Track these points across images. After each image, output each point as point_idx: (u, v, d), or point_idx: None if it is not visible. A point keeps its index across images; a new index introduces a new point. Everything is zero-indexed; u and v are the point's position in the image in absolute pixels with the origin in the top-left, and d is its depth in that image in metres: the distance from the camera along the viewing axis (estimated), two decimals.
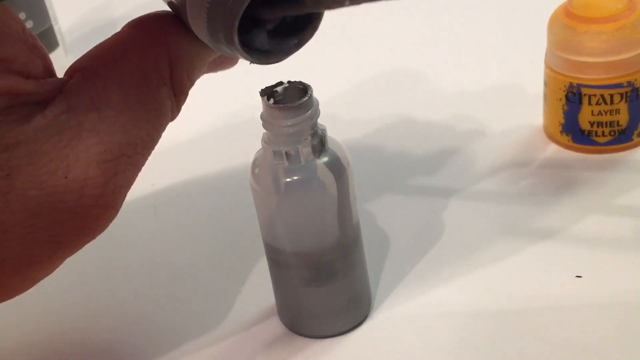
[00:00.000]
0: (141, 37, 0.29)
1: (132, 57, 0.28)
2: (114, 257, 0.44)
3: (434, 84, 0.56)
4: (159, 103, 0.28)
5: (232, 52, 0.29)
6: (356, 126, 0.52)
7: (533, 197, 0.43)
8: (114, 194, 0.27)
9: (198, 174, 0.50)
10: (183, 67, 0.29)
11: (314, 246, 0.34)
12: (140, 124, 0.28)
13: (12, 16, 0.25)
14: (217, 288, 0.40)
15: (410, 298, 0.38)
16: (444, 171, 0.46)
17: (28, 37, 0.26)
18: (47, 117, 0.26)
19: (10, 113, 0.25)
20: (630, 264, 0.38)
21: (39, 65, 0.26)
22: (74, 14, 0.73)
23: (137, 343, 0.38)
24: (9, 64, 0.25)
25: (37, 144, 0.25)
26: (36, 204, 0.26)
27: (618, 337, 0.34)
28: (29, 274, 0.27)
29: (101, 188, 0.27)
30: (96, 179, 0.27)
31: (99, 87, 0.27)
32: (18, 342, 0.39)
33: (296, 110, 0.32)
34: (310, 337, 0.36)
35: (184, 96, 0.30)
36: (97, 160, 0.27)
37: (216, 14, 0.27)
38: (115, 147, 0.27)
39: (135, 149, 0.28)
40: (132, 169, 0.28)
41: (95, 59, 0.28)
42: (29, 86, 0.25)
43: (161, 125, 0.29)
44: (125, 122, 0.27)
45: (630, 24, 0.42)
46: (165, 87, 0.29)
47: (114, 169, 0.27)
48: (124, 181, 0.28)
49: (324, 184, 0.33)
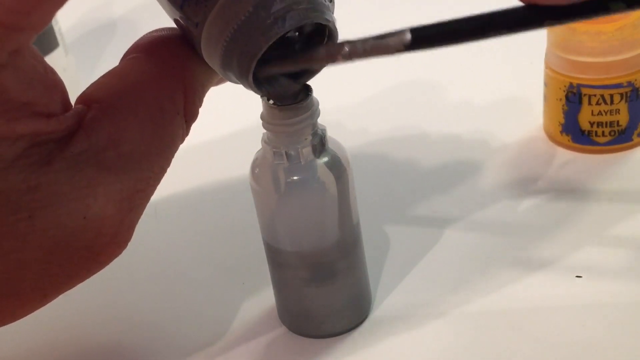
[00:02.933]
0: (156, 66, 0.29)
1: (149, 89, 0.28)
2: None
3: (433, 84, 0.56)
4: (172, 134, 0.28)
5: (242, 84, 0.29)
6: (357, 129, 0.52)
7: (533, 196, 0.43)
8: (128, 230, 0.28)
9: (198, 174, 0.50)
10: (195, 93, 0.29)
11: (314, 246, 0.34)
12: (154, 157, 0.28)
13: (35, 57, 0.25)
14: (217, 288, 0.40)
15: (410, 298, 0.38)
16: (443, 171, 0.46)
17: (49, 75, 0.25)
18: (68, 158, 0.25)
19: (32, 154, 0.25)
20: (630, 264, 0.38)
21: (58, 102, 0.26)
22: (74, 14, 0.73)
23: (137, 343, 0.38)
24: (32, 107, 0.24)
25: (58, 185, 0.25)
26: (54, 243, 0.26)
27: (618, 337, 0.34)
28: (39, 303, 0.28)
29: (118, 226, 0.27)
30: (113, 218, 0.27)
31: (117, 122, 0.27)
32: (18, 345, 0.39)
33: (296, 111, 0.32)
34: (310, 337, 0.36)
35: (194, 120, 0.30)
36: (114, 198, 0.27)
37: (233, 51, 0.28)
38: (131, 184, 0.27)
39: (148, 182, 0.28)
40: (145, 203, 0.28)
41: (112, 90, 0.28)
42: (50, 126, 0.25)
43: (172, 155, 0.29)
44: (141, 158, 0.27)
45: (630, 24, 0.42)
46: (178, 116, 0.29)
47: (129, 205, 0.27)
48: (137, 216, 0.28)
49: (324, 184, 0.33)
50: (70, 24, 0.69)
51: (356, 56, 0.27)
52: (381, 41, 0.26)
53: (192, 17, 0.28)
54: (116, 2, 0.75)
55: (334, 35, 0.29)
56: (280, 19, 0.27)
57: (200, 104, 0.30)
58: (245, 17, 0.27)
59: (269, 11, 0.27)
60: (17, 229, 0.25)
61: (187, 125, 0.29)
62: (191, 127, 0.30)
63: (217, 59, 0.28)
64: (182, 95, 0.29)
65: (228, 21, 0.27)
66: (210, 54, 0.28)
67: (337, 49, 0.27)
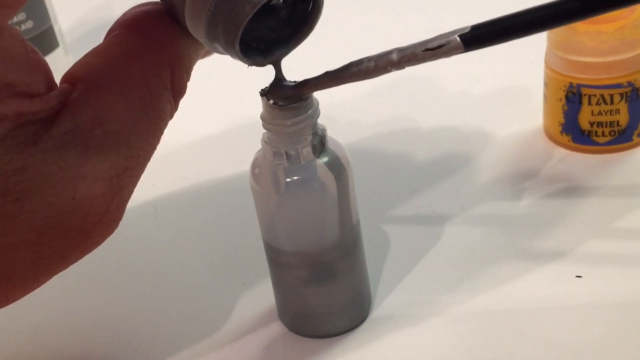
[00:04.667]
0: (140, 42, 0.28)
1: (134, 65, 0.28)
2: (114, 257, 0.44)
3: (434, 84, 0.56)
4: (160, 110, 0.28)
5: (229, 54, 0.29)
6: (357, 128, 0.52)
7: (533, 196, 0.43)
8: (118, 208, 0.27)
9: (198, 174, 0.50)
10: (183, 67, 0.29)
11: (314, 246, 0.34)
12: (143, 134, 0.27)
13: (16, 37, 0.25)
14: (217, 288, 0.40)
15: (410, 298, 0.38)
16: (443, 171, 0.46)
17: (30, 54, 0.25)
18: (54, 138, 0.25)
19: (17, 135, 0.24)
20: (630, 264, 0.38)
21: (42, 82, 0.26)
22: (74, 14, 0.73)
23: (137, 343, 0.38)
24: (14, 87, 0.24)
25: (45, 165, 0.25)
26: (44, 224, 0.26)
27: (618, 337, 0.34)
28: (32, 285, 0.27)
29: (107, 205, 0.27)
30: (103, 197, 0.26)
31: (102, 101, 0.26)
32: (18, 344, 0.39)
33: (296, 110, 0.32)
34: (310, 337, 0.36)
35: (182, 94, 0.30)
36: (103, 177, 0.26)
37: (218, 20, 0.27)
38: (119, 162, 0.27)
39: (137, 160, 0.27)
40: (134, 181, 0.28)
41: (97, 68, 0.27)
42: (34, 105, 0.25)
43: (161, 131, 0.29)
44: (128, 135, 0.27)
45: (630, 24, 0.42)
46: (165, 92, 0.28)
47: (118, 184, 0.27)
48: (127, 195, 0.28)
49: (324, 183, 0.33)
50: (70, 24, 0.69)
51: (407, 63, 0.27)
52: (433, 44, 0.26)
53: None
54: (116, 2, 0.75)
55: (319, 1, 0.29)
56: None
57: (188, 78, 0.30)
58: None
59: None
60: (5, 211, 0.25)
61: (175, 100, 0.29)
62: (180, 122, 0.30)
63: (202, 30, 0.28)
64: (168, 71, 0.28)
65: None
66: (195, 25, 0.28)
67: (385, 59, 0.28)
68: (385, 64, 0.28)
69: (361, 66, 0.29)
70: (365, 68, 0.28)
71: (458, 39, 0.26)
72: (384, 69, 0.28)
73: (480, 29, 0.26)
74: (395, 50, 0.27)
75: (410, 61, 0.27)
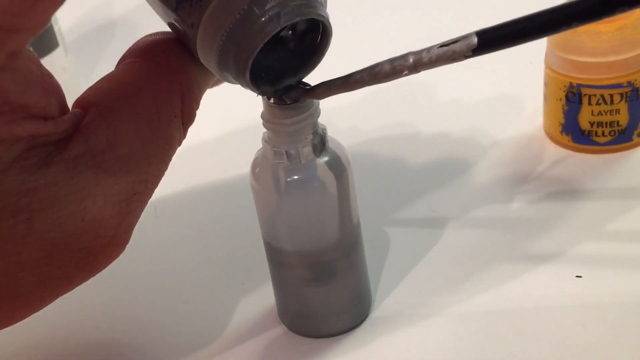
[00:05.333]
0: (152, 69, 0.29)
1: (146, 92, 0.28)
2: None
3: (434, 84, 0.56)
4: (169, 137, 0.29)
5: (239, 83, 0.29)
6: (357, 130, 0.52)
7: (533, 196, 0.43)
8: (126, 232, 0.28)
9: (198, 173, 0.50)
10: (193, 96, 0.30)
11: (314, 245, 0.34)
12: (152, 160, 0.28)
13: (32, 60, 0.25)
14: (217, 288, 0.40)
15: (410, 298, 0.38)
16: (443, 171, 0.46)
17: (45, 77, 0.26)
18: (66, 161, 0.26)
19: (30, 157, 0.25)
20: (630, 264, 0.38)
21: (55, 105, 0.26)
22: (74, 14, 0.73)
23: (137, 343, 0.38)
24: (29, 110, 0.25)
25: (57, 187, 0.25)
26: (53, 245, 0.26)
27: (618, 337, 0.34)
28: (37, 305, 0.28)
29: (116, 228, 0.27)
30: (111, 220, 0.27)
31: (114, 125, 0.27)
32: (18, 344, 0.39)
33: (297, 110, 0.32)
34: (310, 336, 0.36)
35: (191, 122, 0.30)
36: (113, 201, 0.27)
37: (229, 50, 0.28)
38: (129, 186, 0.27)
39: (146, 185, 0.28)
40: (142, 205, 0.28)
41: (110, 94, 0.28)
42: (48, 128, 0.25)
43: (170, 157, 0.29)
44: (138, 160, 0.27)
45: (630, 24, 0.42)
46: (175, 119, 0.29)
47: (127, 208, 0.27)
48: (135, 218, 0.28)
49: (325, 183, 0.33)
50: (70, 24, 0.69)
51: (422, 67, 0.27)
52: (447, 48, 0.26)
53: (186, 19, 0.28)
54: (116, 2, 0.75)
55: (327, 32, 0.29)
56: (275, 16, 0.27)
57: (198, 106, 0.30)
58: (240, 15, 0.27)
59: (264, 8, 0.27)
60: (16, 231, 0.25)
61: (185, 128, 0.30)
62: (188, 130, 0.30)
63: (214, 59, 0.28)
64: (179, 98, 0.29)
65: (223, 20, 0.27)
66: (206, 54, 0.28)
67: (401, 62, 0.28)
68: (401, 68, 0.28)
69: (376, 70, 0.28)
70: (380, 71, 0.28)
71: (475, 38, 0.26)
72: (399, 72, 0.28)
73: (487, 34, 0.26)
74: (410, 54, 0.27)
75: (426, 64, 0.27)
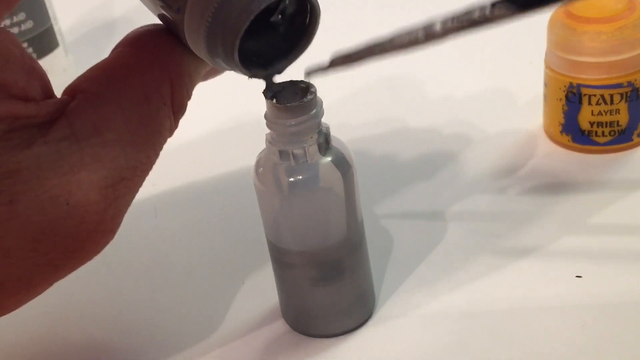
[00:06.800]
0: (141, 56, 0.29)
1: (134, 78, 0.28)
2: (114, 257, 0.44)
3: (434, 84, 0.56)
4: (158, 124, 0.28)
5: (230, 67, 0.29)
6: (356, 129, 0.52)
7: (534, 197, 0.43)
8: (113, 218, 0.27)
9: (199, 174, 0.50)
10: (183, 84, 0.29)
11: (320, 245, 0.34)
12: (140, 147, 0.28)
13: (11, 40, 0.25)
14: (218, 288, 0.40)
15: (413, 297, 0.38)
16: (445, 171, 0.46)
17: (26, 59, 0.26)
18: (49, 143, 0.25)
19: (11, 138, 0.25)
20: (630, 264, 0.38)
21: (37, 87, 0.26)
22: (74, 14, 0.73)
23: (138, 344, 0.38)
24: (8, 89, 0.25)
25: (40, 170, 0.25)
26: (38, 230, 0.26)
27: (618, 337, 0.34)
28: (26, 294, 0.27)
29: (102, 214, 0.27)
30: (97, 205, 0.27)
31: (101, 111, 0.27)
32: (17, 341, 0.39)
33: (301, 110, 0.31)
34: (315, 336, 0.36)
35: (182, 112, 0.30)
36: (99, 185, 0.26)
37: (216, 31, 0.28)
38: (116, 172, 0.27)
39: (134, 172, 0.28)
40: (131, 192, 0.28)
41: (97, 80, 0.28)
42: (29, 109, 0.25)
43: (160, 146, 0.29)
44: (126, 146, 0.27)
45: (630, 24, 0.42)
46: (165, 107, 0.29)
47: (114, 193, 0.27)
48: (123, 205, 0.28)
49: (330, 182, 0.33)
50: (70, 24, 0.69)
51: (437, 36, 0.26)
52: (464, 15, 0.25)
53: (172, 4, 0.28)
54: (116, 2, 0.75)
55: (315, 13, 0.29)
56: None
57: (189, 96, 0.30)
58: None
59: None
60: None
61: (175, 117, 0.29)
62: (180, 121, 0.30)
63: (202, 43, 0.28)
64: (168, 85, 0.29)
65: (207, 1, 0.27)
66: (195, 39, 0.28)
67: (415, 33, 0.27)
68: (430, 34, 0.27)
69: (407, 36, 0.27)
70: (409, 38, 0.27)
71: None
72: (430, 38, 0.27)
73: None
74: (438, 20, 0.26)
75: (451, 30, 0.26)
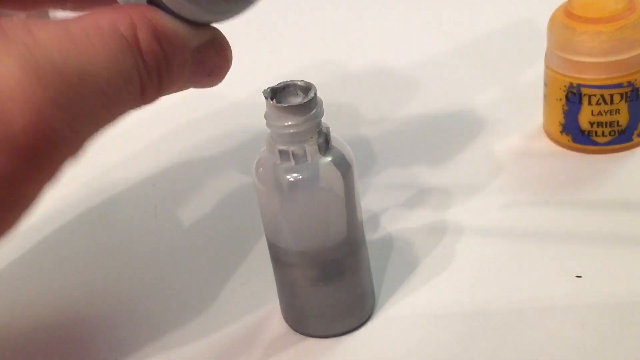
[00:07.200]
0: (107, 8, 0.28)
1: (92, 15, 0.27)
2: (115, 257, 0.44)
3: (434, 84, 0.56)
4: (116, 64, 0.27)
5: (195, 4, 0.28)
6: (356, 129, 0.52)
7: (533, 197, 0.43)
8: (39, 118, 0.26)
9: (199, 174, 0.50)
10: (149, 27, 0.28)
11: (320, 245, 0.34)
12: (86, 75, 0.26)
13: None
14: (218, 289, 0.40)
15: (413, 297, 0.38)
16: (445, 172, 0.46)
17: None
18: None
19: None
20: (630, 264, 0.38)
21: None
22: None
23: (137, 343, 0.38)
24: None
25: None
26: None
27: (618, 337, 0.34)
28: None
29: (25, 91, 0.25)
30: (20, 82, 0.25)
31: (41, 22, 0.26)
32: (17, 338, 0.39)
33: (301, 110, 0.31)
34: (315, 336, 0.36)
35: (160, 72, 0.28)
36: (24, 66, 0.25)
37: None
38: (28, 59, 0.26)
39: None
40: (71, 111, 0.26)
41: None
42: None
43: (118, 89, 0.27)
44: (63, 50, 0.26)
45: (630, 24, 0.42)
46: (127, 45, 0.27)
47: (43, 94, 0.26)
48: (58, 111, 0.26)
49: (331, 182, 0.33)
50: None
51: None
52: None
53: None
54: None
55: None
56: None
57: (163, 51, 0.28)
58: None
59: None
60: None
61: (148, 69, 0.28)
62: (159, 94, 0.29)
63: None
64: (128, 23, 0.27)
65: None
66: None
67: None
68: None
69: None
70: None
71: None
72: None
73: None
74: None
75: None
